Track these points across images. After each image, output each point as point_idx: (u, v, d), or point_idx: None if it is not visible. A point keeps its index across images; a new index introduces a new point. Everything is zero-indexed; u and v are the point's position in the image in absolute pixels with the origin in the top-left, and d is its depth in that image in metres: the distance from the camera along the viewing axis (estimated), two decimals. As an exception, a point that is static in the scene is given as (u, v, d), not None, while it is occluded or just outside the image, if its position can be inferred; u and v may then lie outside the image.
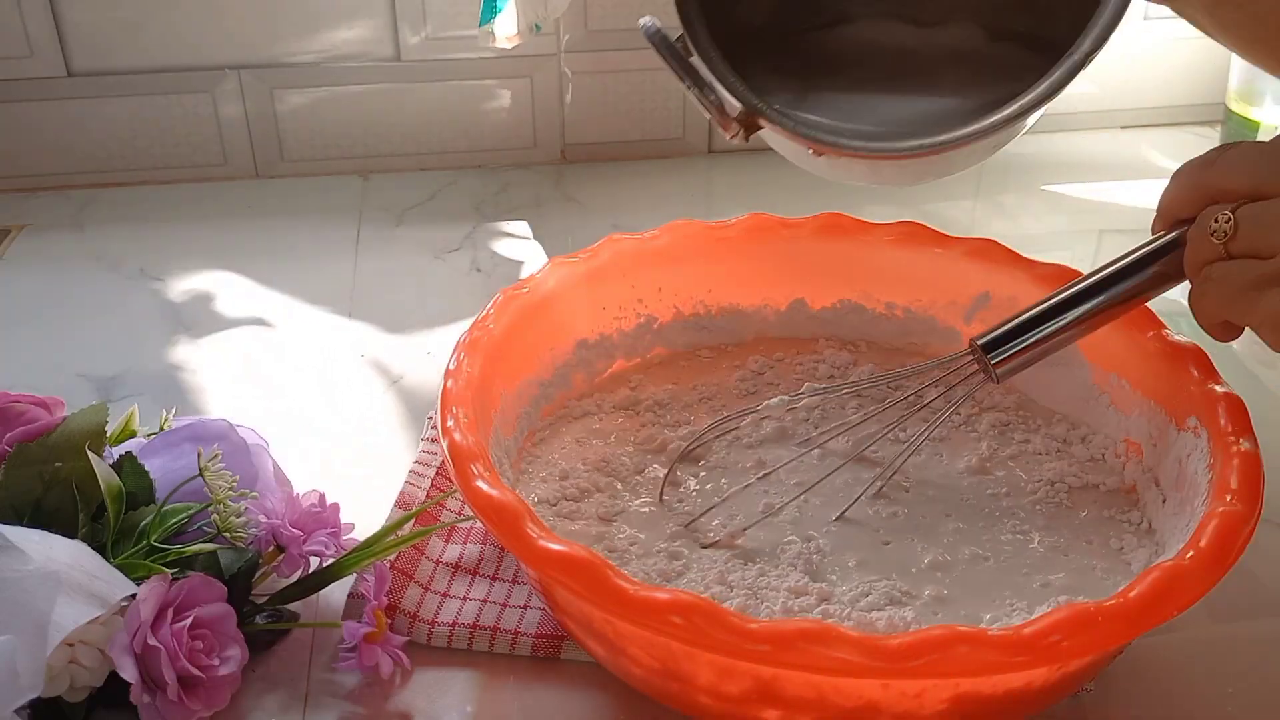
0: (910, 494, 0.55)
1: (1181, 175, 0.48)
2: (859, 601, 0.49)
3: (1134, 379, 0.58)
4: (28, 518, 0.49)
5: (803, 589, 0.49)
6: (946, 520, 0.54)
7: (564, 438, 0.60)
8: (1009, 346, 0.50)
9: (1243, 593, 0.53)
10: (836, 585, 0.50)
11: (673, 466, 0.56)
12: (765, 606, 0.48)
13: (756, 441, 0.58)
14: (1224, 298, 0.45)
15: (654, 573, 0.50)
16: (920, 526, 0.53)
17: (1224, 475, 0.47)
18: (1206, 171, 0.47)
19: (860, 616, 0.47)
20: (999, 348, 0.51)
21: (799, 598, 0.49)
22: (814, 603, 0.48)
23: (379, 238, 0.88)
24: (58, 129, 0.92)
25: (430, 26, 0.93)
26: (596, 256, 0.63)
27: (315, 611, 0.53)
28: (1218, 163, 0.46)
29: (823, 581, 0.50)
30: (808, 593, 0.49)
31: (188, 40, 0.91)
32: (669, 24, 0.49)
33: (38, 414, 0.53)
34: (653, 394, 0.63)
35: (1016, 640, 0.40)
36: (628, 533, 0.53)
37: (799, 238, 0.66)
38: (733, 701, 0.44)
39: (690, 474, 0.57)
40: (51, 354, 0.74)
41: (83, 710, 0.46)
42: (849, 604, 0.48)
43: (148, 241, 0.87)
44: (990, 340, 0.51)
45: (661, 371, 0.65)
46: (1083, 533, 0.53)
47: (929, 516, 0.54)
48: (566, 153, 0.99)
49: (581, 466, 0.57)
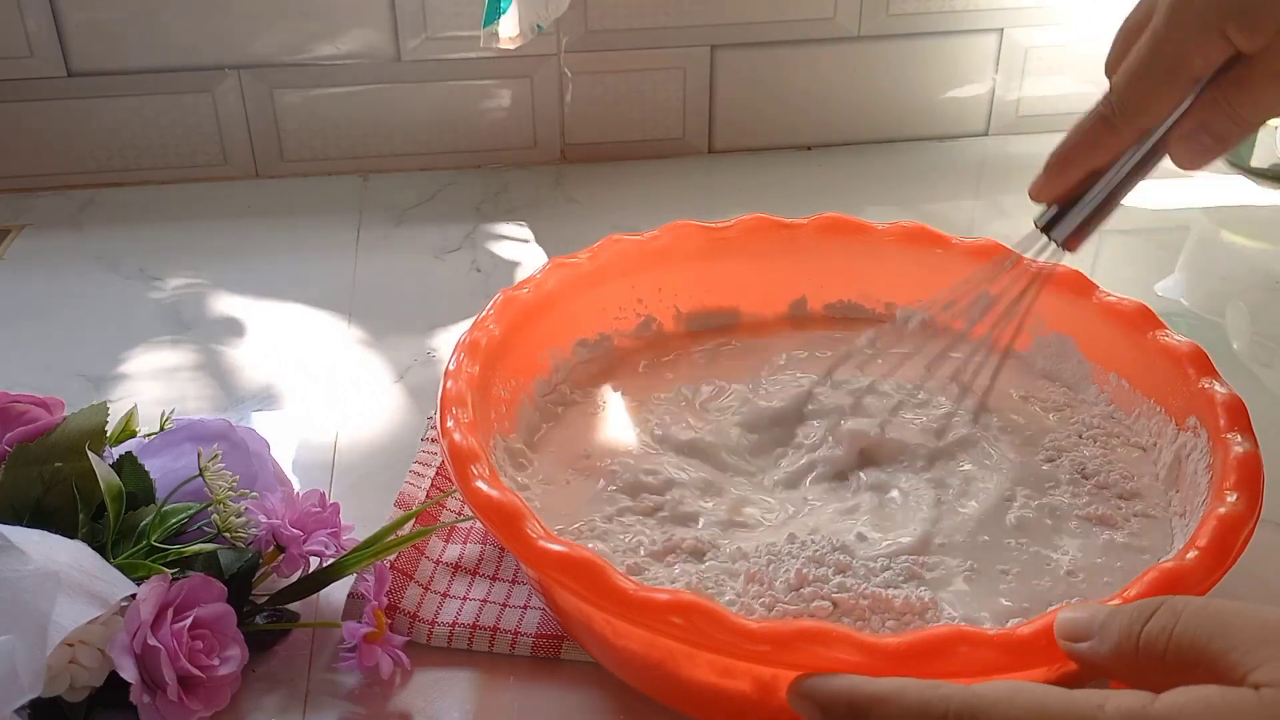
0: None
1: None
2: (875, 577, 0.48)
3: (1134, 379, 0.58)
4: (28, 518, 0.49)
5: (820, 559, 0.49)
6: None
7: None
8: (1070, 217, 0.52)
9: (1243, 593, 0.53)
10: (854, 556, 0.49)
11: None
12: (783, 572, 0.48)
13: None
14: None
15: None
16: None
17: (1224, 475, 0.47)
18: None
19: (876, 593, 0.47)
20: (1060, 221, 0.53)
21: (818, 567, 0.48)
22: (830, 573, 0.48)
23: (379, 238, 0.88)
24: (58, 129, 0.92)
25: (430, 27, 0.93)
26: (596, 257, 0.63)
27: (315, 611, 0.53)
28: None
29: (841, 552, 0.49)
30: (823, 563, 0.49)
31: (188, 40, 0.91)
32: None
33: (38, 414, 0.53)
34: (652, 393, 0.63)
35: (1016, 640, 0.40)
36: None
37: (799, 238, 0.66)
38: (732, 701, 0.44)
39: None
40: (51, 354, 0.74)
41: (83, 710, 0.46)
42: (863, 578, 0.48)
43: (148, 241, 0.87)
44: (1051, 218, 0.53)
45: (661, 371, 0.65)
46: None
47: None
48: (566, 153, 0.99)
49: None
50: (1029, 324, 0.61)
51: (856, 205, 0.90)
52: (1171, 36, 0.47)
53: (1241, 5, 0.45)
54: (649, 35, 0.95)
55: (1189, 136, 0.49)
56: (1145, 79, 0.48)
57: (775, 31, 0.97)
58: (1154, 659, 0.35)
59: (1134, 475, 0.55)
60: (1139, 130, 0.49)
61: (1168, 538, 0.52)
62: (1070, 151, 0.51)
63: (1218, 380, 0.53)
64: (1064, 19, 1.00)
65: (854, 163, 1.00)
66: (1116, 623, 0.37)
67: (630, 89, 0.97)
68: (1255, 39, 0.45)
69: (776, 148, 1.01)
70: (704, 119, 0.99)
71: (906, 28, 0.98)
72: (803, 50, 0.98)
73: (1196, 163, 0.50)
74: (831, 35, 0.98)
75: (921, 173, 0.98)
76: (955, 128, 1.03)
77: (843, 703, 0.38)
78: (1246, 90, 0.47)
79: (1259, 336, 0.76)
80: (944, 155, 1.01)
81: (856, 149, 1.02)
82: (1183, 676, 0.34)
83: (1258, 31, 0.45)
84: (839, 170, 0.99)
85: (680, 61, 0.97)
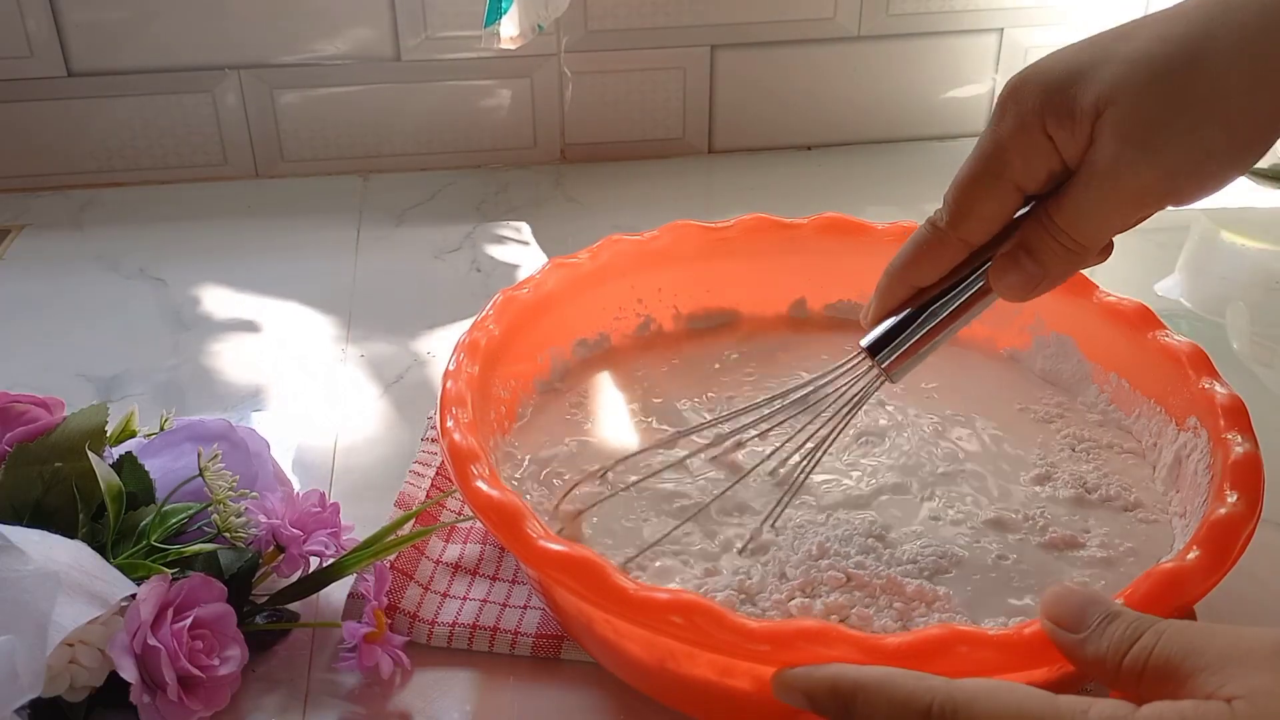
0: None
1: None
2: (897, 565, 0.49)
3: (1134, 379, 0.58)
4: (28, 518, 0.49)
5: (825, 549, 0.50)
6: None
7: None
8: (895, 344, 0.48)
9: (1243, 593, 0.53)
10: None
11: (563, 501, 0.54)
12: (806, 544, 0.49)
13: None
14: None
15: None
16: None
17: (1224, 475, 0.47)
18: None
19: (892, 575, 0.48)
20: (885, 347, 0.49)
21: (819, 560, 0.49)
22: (854, 552, 0.49)
23: (379, 238, 0.88)
24: (58, 129, 0.93)
25: (430, 27, 0.93)
26: (596, 257, 0.63)
27: (315, 611, 0.53)
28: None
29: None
30: (850, 542, 0.50)
31: (188, 40, 0.91)
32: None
33: (38, 414, 0.53)
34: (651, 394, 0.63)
35: (1016, 640, 0.40)
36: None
37: (799, 238, 0.66)
38: (732, 701, 0.44)
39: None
40: (51, 354, 0.74)
41: (83, 710, 0.46)
42: (885, 563, 0.49)
43: (148, 241, 0.87)
44: (875, 341, 0.49)
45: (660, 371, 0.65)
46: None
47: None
48: (566, 153, 0.99)
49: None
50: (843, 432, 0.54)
51: (856, 205, 0.90)
52: (996, 134, 0.44)
53: (1062, 97, 0.42)
54: (649, 35, 0.95)
55: (1009, 256, 0.45)
56: (969, 181, 0.45)
57: (775, 31, 0.97)
58: (1133, 677, 0.36)
59: (1133, 485, 0.55)
60: (964, 241, 0.46)
61: (1168, 538, 0.52)
62: (901, 264, 0.48)
63: (1218, 380, 0.53)
64: (1064, 19, 1.00)
65: (854, 163, 1.00)
66: (1107, 637, 0.37)
67: (630, 89, 0.97)
68: (1074, 132, 0.42)
69: (776, 148, 1.01)
70: (704, 119, 0.99)
71: (906, 28, 0.98)
72: (803, 50, 0.98)
73: (1016, 290, 0.46)
74: (831, 35, 0.98)
75: (921, 173, 0.98)
76: (955, 128, 1.03)
77: (826, 690, 0.38)
78: (1067, 202, 0.43)
79: (1259, 336, 0.76)
80: (944, 155, 1.01)
81: (856, 149, 1.02)
82: (1157, 694, 0.35)
83: (1075, 122, 0.42)
84: (839, 170, 0.99)
85: (680, 61, 0.97)
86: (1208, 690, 0.34)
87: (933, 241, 0.47)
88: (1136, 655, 0.36)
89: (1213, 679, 0.34)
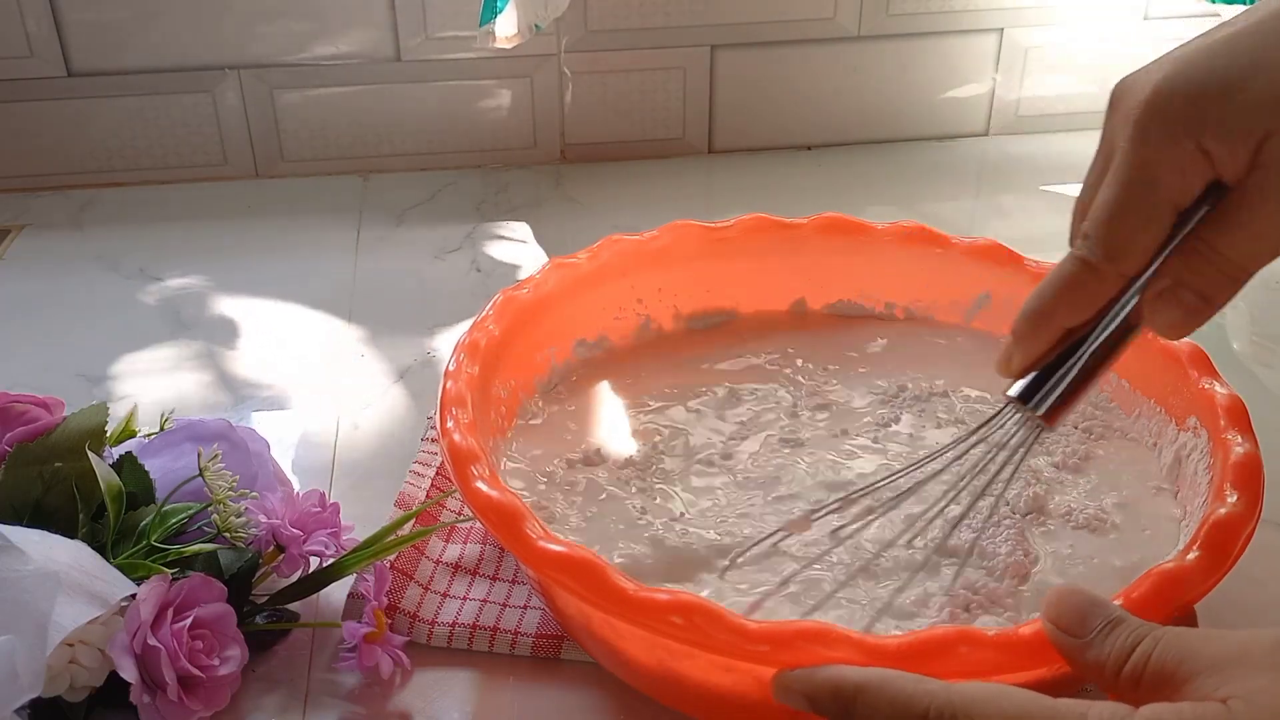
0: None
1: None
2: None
3: (1134, 379, 0.58)
4: (28, 518, 0.49)
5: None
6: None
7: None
8: (1058, 393, 0.44)
9: (1243, 593, 0.53)
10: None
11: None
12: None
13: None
14: None
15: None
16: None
17: (1224, 475, 0.47)
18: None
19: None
20: (1036, 394, 0.45)
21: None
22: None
23: (379, 238, 0.88)
24: (58, 129, 0.93)
25: (430, 26, 0.93)
26: (596, 257, 0.63)
27: (315, 611, 0.53)
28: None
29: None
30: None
31: (188, 40, 0.91)
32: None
33: (38, 414, 0.53)
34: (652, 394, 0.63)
35: (1016, 640, 0.40)
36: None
37: (799, 238, 0.66)
38: (732, 701, 0.44)
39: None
40: (51, 354, 0.74)
41: (83, 710, 0.46)
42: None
43: (148, 241, 0.87)
44: (1026, 389, 0.45)
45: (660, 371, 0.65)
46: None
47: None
48: (566, 153, 0.99)
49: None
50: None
51: (856, 205, 0.90)
52: (1141, 155, 0.41)
53: (1219, 110, 0.39)
54: (649, 35, 0.95)
55: (1168, 294, 0.42)
56: (1120, 208, 0.41)
57: (775, 31, 0.97)
58: (1132, 683, 0.37)
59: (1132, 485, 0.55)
60: (1123, 275, 0.42)
61: (1168, 539, 0.52)
62: (1048, 305, 0.43)
63: (1218, 380, 0.53)
64: (1064, 19, 1.00)
65: (854, 163, 1.00)
66: (1109, 644, 0.38)
67: (630, 89, 0.97)
68: (1236, 150, 0.39)
69: (776, 148, 1.01)
70: (704, 119, 0.99)
71: (906, 28, 0.98)
72: (803, 50, 0.98)
73: (1178, 327, 0.42)
74: (831, 35, 0.98)
75: (921, 173, 0.98)
76: (955, 128, 1.03)
77: (827, 692, 0.39)
78: (1230, 225, 0.40)
79: (1259, 336, 0.76)
80: (944, 155, 1.01)
81: (856, 149, 1.02)
82: (1155, 699, 0.35)
83: (1237, 141, 0.39)
84: (839, 170, 0.99)
85: (680, 61, 0.97)
86: (1205, 692, 0.34)
87: (1086, 279, 0.42)
88: (1135, 662, 0.36)
89: (1210, 681, 0.34)
